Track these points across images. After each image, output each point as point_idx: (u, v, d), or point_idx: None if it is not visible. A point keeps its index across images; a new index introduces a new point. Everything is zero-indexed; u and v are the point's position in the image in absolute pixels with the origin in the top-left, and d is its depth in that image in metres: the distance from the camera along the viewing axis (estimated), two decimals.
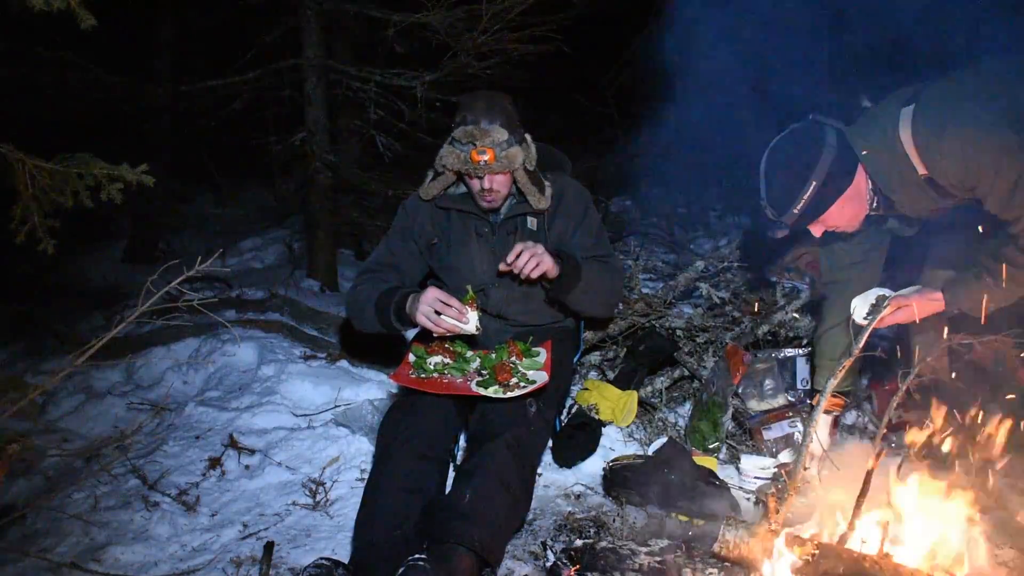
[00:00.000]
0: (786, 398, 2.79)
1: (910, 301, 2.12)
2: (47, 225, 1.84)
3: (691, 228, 6.05)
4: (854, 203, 2.09)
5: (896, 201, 2.10)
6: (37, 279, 4.67)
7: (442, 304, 2.21)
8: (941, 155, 1.92)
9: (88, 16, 1.71)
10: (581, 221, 2.47)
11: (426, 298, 2.22)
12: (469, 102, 2.26)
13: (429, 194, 2.44)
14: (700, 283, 3.54)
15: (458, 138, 2.23)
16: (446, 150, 2.28)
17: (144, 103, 4.76)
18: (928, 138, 1.93)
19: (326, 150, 4.38)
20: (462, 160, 2.24)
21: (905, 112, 1.97)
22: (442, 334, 2.27)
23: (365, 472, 2.58)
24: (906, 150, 1.98)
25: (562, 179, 2.51)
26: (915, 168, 1.99)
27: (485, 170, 2.24)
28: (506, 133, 2.22)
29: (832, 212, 2.06)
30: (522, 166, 2.30)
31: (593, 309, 2.52)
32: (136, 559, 2.15)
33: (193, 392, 3.25)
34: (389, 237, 2.58)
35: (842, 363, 2.06)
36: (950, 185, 1.98)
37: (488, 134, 2.20)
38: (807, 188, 1.99)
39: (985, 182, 1.91)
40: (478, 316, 2.25)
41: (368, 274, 2.52)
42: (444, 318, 2.21)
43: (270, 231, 6.23)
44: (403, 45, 4.43)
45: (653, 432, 2.84)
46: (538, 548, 2.14)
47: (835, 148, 2.01)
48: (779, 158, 2.07)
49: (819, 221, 2.08)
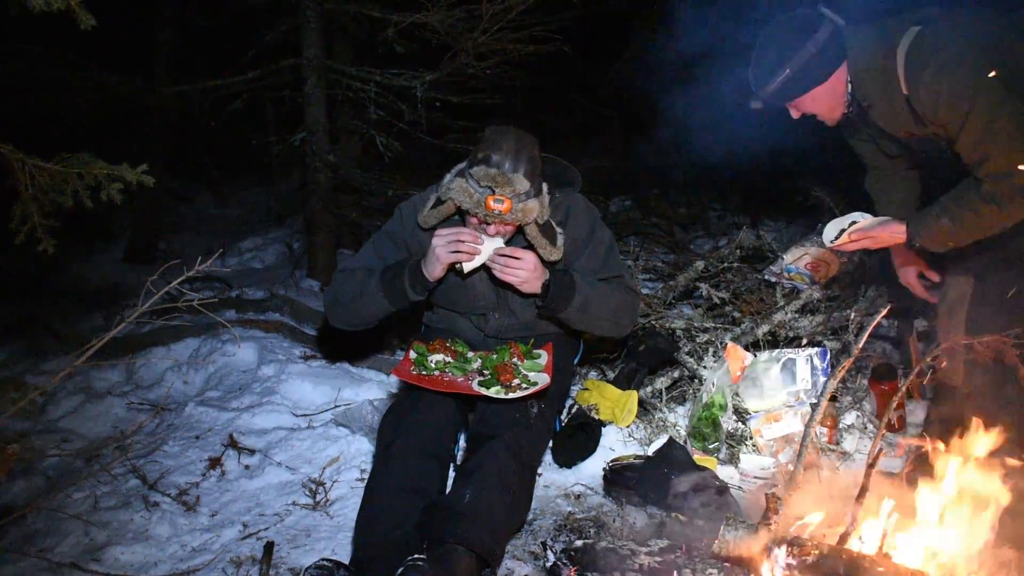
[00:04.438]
0: (786, 398, 2.79)
1: (873, 232, 2.19)
2: (47, 225, 1.84)
3: (691, 228, 6.05)
4: (828, 98, 2.17)
5: (872, 111, 2.17)
6: (37, 279, 4.67)
7: (456, 233, 2.11)
8: (922, 81, 1.99)
9: (88, 16, 1.70)
10: (588, 242, 2.33)
11: (437, 237, 2.12)
12: (496, 139, 2.07)
13: (428, 223, 2.25)
14: (700, 283, 3.54)
15: (476, 176, 2.05)
16: (458, 184, 2.08)
17: (144, 103, 4.77)
18: (917, 59, 2.00)
19: (326, 150, 4.38)
20: (475, 202, 2.05)
21: (912, 31, 2.03)
22: (472, 266, 2.15)
23: (365, 472, 2.58)
24: (898, 65, 2.04)
25: (570, 197, 2.34)
26: (901, 87, 2.05)
27: (496, 219, 2.09)
28: (527, 184, 2.05)
29: (804, 100, 2.16)
30: (534, 221, 2.14)
31: (597, 330, 2.40)
32: (136, 559, 2.16)
33: (193, 392, 3.25)
34: (377, 241, 2.40)
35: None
36: (924, 113, 2.04)
37: (510, 183, 2.02)
38: (781, 72, 2.10)
39: (957, 119, 1.96)
40: (500, 237, 2.16)
41: (349, 271, 2.36)
42: (464, 244, 2.10)
43: (270, 231, 6.24)
44: (403, 45, 4.43)
45: (653, 432, 2.84)
46: (538, 548, 2.14)
47: (821, 43, 2.08)
48: (769, 36, 2.16)
49: (792, 105, 2.19)
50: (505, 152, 2.05)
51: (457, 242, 2.11)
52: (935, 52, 1.97)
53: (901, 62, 2.03)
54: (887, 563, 1.67)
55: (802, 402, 2.77)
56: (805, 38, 2.08)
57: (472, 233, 2.13)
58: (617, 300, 2.33)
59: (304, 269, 4.83)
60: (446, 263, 2.14)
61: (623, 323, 2.41)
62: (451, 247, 2.11)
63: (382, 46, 4.54)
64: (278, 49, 4.53)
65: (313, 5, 4.15)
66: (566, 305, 2.23)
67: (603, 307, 2.29)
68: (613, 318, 2.35)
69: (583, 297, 2.23)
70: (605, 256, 2.37)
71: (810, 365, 2.82)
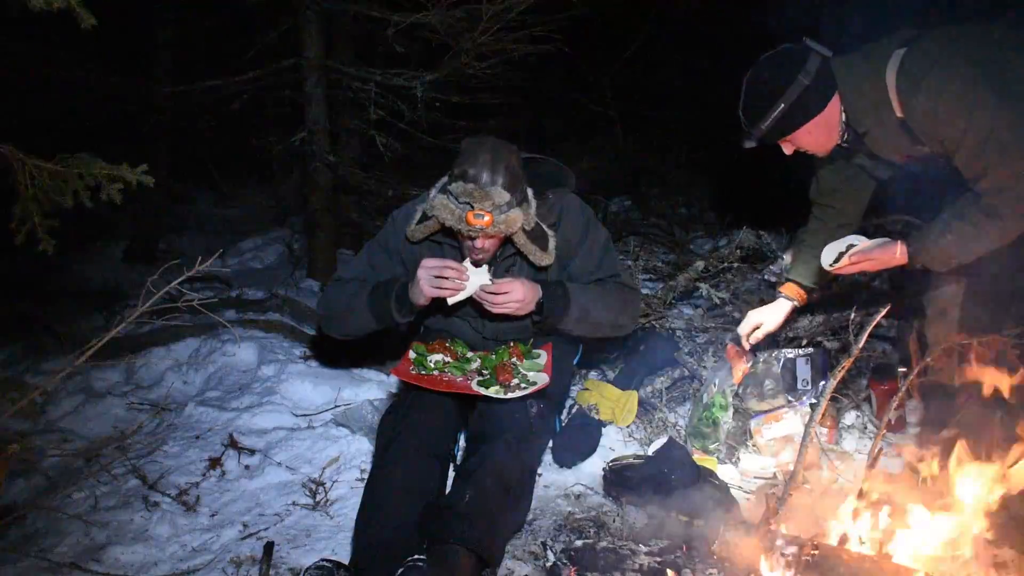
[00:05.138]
0: (786, 398, 2.79)
1: (872, 254, 2.18)
2: (47, 225, 1.83)
3: (691, 228, 6.05)
4: (823, 130, 2.15)
5: (868, 138, 2.15)
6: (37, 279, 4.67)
7: (440, 268, 2.12)
8: (916, 100, 1.98)
9: (88, 16, 1.70)
10: (582, 243, 2.31)
11: (423, 268, 2.12)
12: (472, 153, 2.05)
13: (416, 237, 2.24)
14: (700, 283, 3.54)
15: (455, 193, 2.03)
16: (440, 200, 2.06)
17: (144, 103, 4.76)
18: (908, 81, 1.99)
19: (326, 150, 4.38)
20: (456, 218, 2.03)
21: (897, 53, 2.02)
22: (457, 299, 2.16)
23: (365, 472, 2.58)
24: (888, 90, 2.03)
25: (564, 198, 2.32)
26: (894, 110, 2.04)
27: (479, 233, 2.06)
28: (507, 195, 2.02)
29: (800, 134, 2.13)
30: (520, 228, 2.12)
31: (598, 334, 2.38)
32: (136, 559, 2.16)
33: (193, 392, 3.25)
34: (370, 249, 2.41)
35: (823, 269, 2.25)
36: (921, 132, 2.03)
37: (488, 196, 2.00)
38: (776, 108, 2.07)
39: (955, 135, 1.95)
40: (486, 268, 2.16)
41: (342, 282, 2.38)
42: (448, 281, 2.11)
43: (270, 231, 6.23)
44: (403, 45, 4.42)
45: (653, 432, 2.84)
46: (538, 548, 2.14)
47: (811, 75, 2.07)
48: (759, 74, 2.14)
49: (787, 140, 2.17)
50: (481, 165, 2.02)
51: (441, 278, 2.11)
52: (925, 73, 1.96)
53: (892, 86, 2.01)
54: (887, 563, 1.67)
55: (802, 402, 2.77)
56: (796, 71, 2.07)
57: (457, 269, 2.12)
58: (615, 301, 2.31)
59: (304, 269, 4.82)
60: (430, 297, 2.15)
61: (623, 324, 2.40)
62: (434, 282, 2.11)
63: (382, 46, 4.54)
64: (278, 49, 4.52)
65: (313, 5, 4.15)
66: (563, 318, 2.22)
67: (601, 312, 2.28)
68: (613, 321, 2.34)
69: (580, 307, 2.22)
70: (601, 255, 2.35)
71: (810, 365, 2.82)
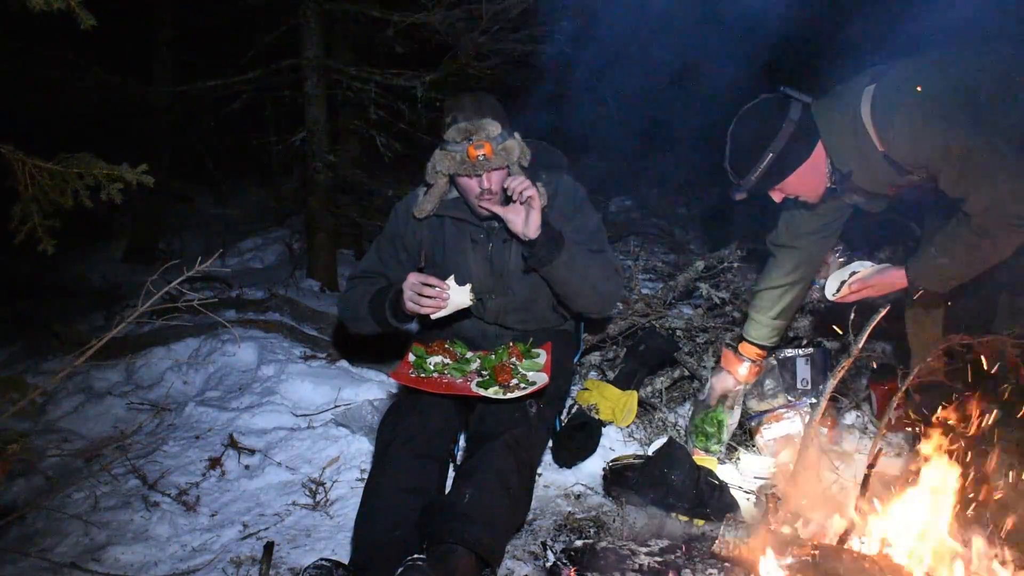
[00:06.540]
0: (786, 398, 2.79)
1: (872, 281, 2.21)
2: (47, 225, 1.83)
3: (691, 228, 6.05)
4: (812, 175, 2.17)
5: (854, 176, 2.17)
6: (37, 279, 4.67)
7: (421, 286, 2.18)
8: (894, 131, 2.01)
9: (88, 16, 1.70)
10: (574, 216, 2.37)
11: (407, 284, 2.20)
12: (455, 102, 2.21)
13: (424, 211, 2.36)
14: (700, 283, 3.54)
15: (451, 138, 2.17)
16: (438, 155, 2.21)
17: (144, 103, 4.77)
18: (883, 114, 2.02)
19: (326, 150, 4.38)
20: (458, 161, 2.16)
21: (868, 90, 2.05)
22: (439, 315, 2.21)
23: (365, 472, 2.58)
24: (866, 126, 2.05)
25: (557, 178, 2.41)
26: (875, 145, 2.06)
27: (483, 166, 2.16)
28: (499, 126, 2.17)
29: (790, 181, 2.16)
30: (517, 162, 2.24)
31: (582, 298, 2.34)
32: (136, 559, 2.15)
33: (193, 392, 3.25)
34: (380, 243, 2.53)
35: (776, 324, 2.47)
36: (905, 162, 2.05)
37: (483, 128, 2.14)
38: (764, 157, 2.10)
39: (935, 159, 1.98)
40: (469, 288, 2.21)
41: (358, 279, 2.50)
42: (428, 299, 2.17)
43: (270, 231, 6.24)
44: (403, 45, 4.43)
45: (653, 432, 2.84)
46: (538, 548, 2.14)
47: (795, 122, 2.10)
48: (743, 125, 2.17)
49: (778, 188, 2.19)
50: (467, 107, 2.18)
51: (419, 295, 2.17)
52: (897, 104, 1.99)
53: (868, 122, 2.04)
54: (887, 563, 1.67)
55: (802, 402, 2.77)
56: (780, 119, 2.10)
57: (438, 287, 2.17)
58: (600, 269, 2.32)
59: (304, 269, 4.83)
60: (412, 313, 2.24)
61: (605, 295, 2.37)
62: (415, 299, 2.18)
63: (382, 46, 4.54)
64: (278, 49, 4.53)
65: (313, 5, 4.15)
66: (553, 259, 2.20)
67: (587, 270, 2.28)
68: (595, 285, 2.31)
69: (570, 253, 2.23)
70: (592, 231, 2.40)
71: (810, 365, 2.82)
